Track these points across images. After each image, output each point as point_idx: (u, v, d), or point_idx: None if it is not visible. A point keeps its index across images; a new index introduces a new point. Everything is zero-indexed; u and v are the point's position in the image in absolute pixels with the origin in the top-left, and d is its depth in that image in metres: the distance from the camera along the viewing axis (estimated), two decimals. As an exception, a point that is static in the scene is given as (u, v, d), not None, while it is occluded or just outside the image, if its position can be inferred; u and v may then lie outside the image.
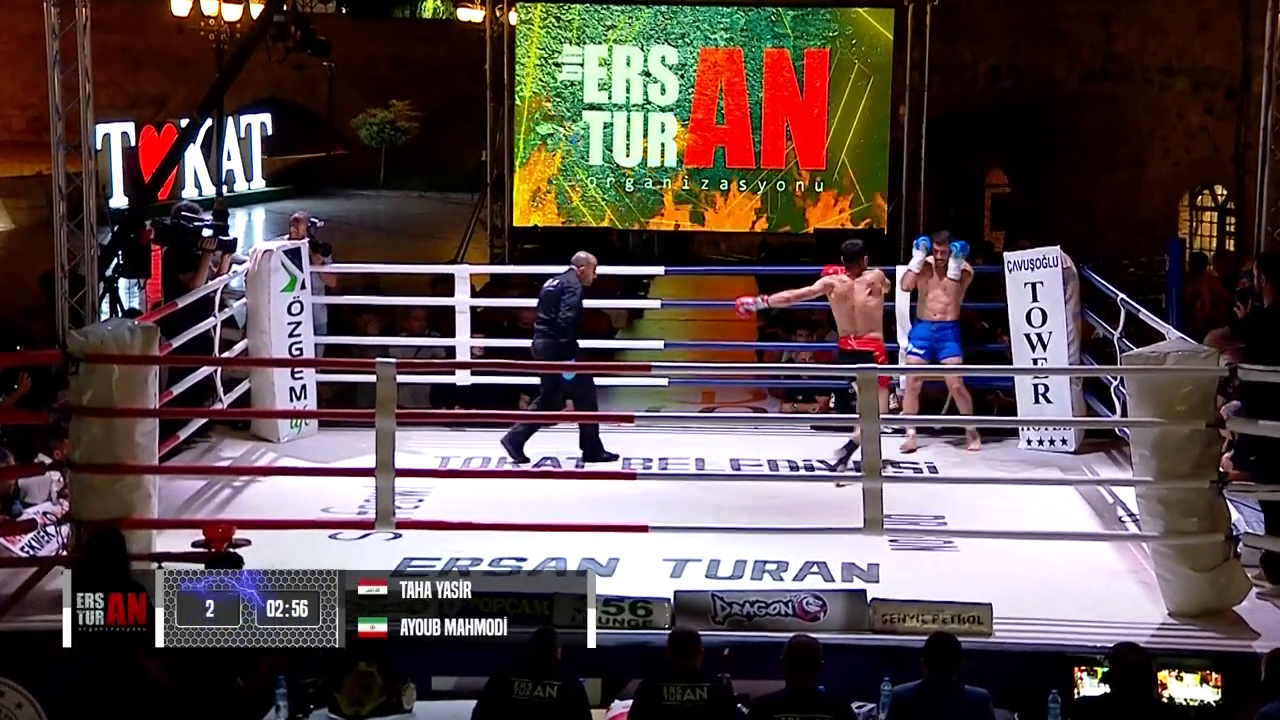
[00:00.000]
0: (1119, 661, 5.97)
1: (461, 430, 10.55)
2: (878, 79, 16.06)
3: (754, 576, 7.75)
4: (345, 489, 8.70)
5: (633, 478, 8.80)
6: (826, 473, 9.61)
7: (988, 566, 7.81)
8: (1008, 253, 10.93)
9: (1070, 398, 10.32)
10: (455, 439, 10.35)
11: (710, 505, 8.66)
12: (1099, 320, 10.35)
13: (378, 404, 7.42)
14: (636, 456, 9.99)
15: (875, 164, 16.22)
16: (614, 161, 16.31)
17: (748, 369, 11.35)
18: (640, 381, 11.26)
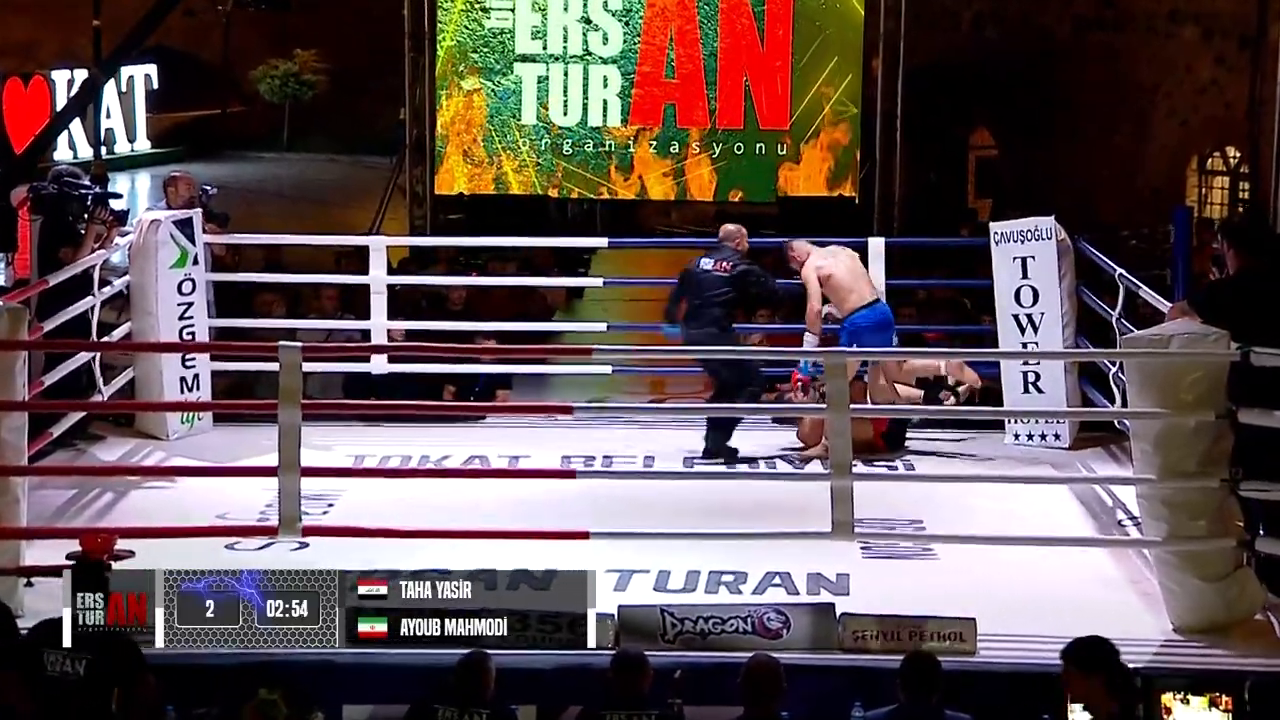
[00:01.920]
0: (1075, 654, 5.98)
1: (377, 425, 10.52)
2: (848, 28, 16.11)
3: (708, 589, 7.77)
4: (244, 492, 8.67)
5: (572, 477, 8.81)
6: (791, 471, 9.66)
7: (972, 576, 7.86)
8: (994, 223, 10.99)
9: (1064, 386, 10.41)
10: (370, 434, 10.33)
11: (660, 508, 8.67)
12: (1096, 299, 10.43)
13: (280, 395, 7.39)
14: (576, 454, 10.00)
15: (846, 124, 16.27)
16: (549, 120, 16.29)
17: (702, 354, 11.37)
18: (580, 369, 11.27)
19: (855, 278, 10.26)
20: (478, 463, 9.94)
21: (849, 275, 10.23)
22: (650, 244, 15.95)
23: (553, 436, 10.31)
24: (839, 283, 10.19)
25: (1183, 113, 19.70)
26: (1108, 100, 20.31)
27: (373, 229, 16.47)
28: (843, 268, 10.27)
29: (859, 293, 10.19)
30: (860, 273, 10.33)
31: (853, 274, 10.26)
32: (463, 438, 10.34)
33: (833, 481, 7.53)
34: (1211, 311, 7.60)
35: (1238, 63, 18.73)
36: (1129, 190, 19.83)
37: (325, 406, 9.95)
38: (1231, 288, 7.94)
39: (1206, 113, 19.38)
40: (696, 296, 10.18)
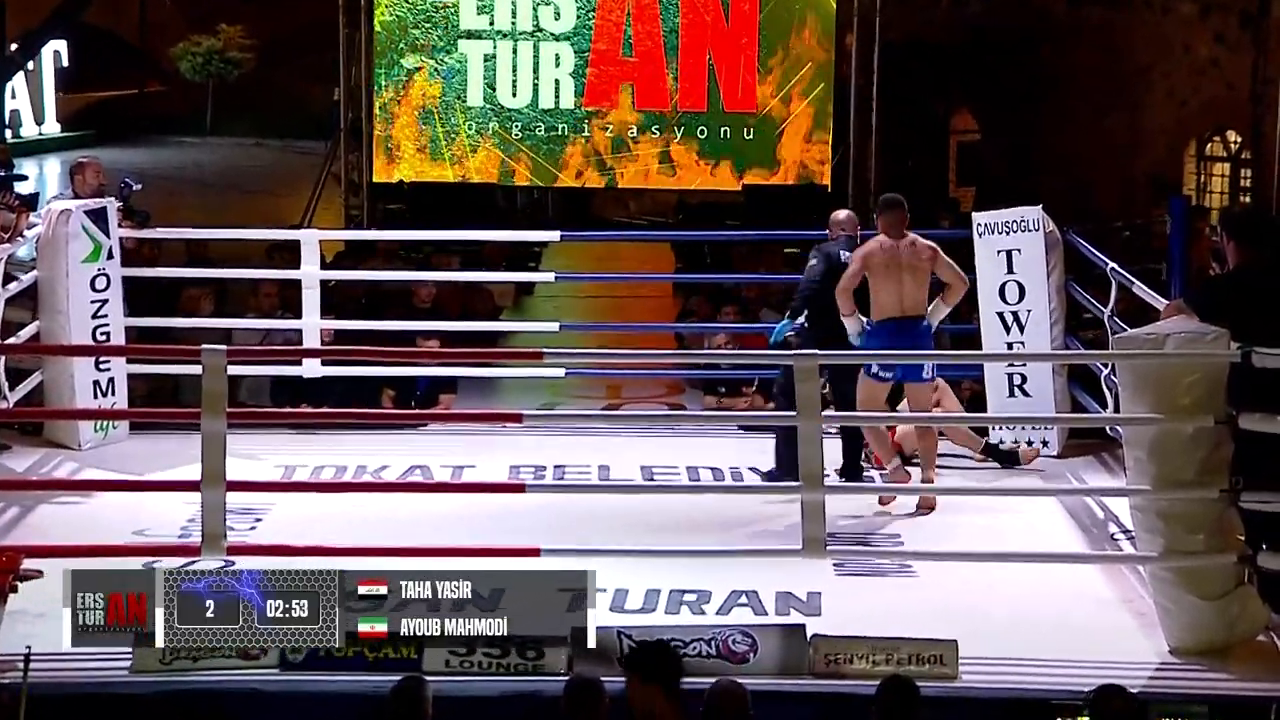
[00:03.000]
0: (1102, 709, 6.05)
1: (310, 433, 10.50)
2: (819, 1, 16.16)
3: (669, 609, 7.79)
4: (164, 506, 8.64)
5: (521, 490, 8.82)
6: (759, 484, 9.68)
7: (953, 595, 7.90)
8: (977, 213, 11.06)
9: (1052, 390, 10.47)
10: (302, 444, 10.30)
11: (616, 523, 8.67)
12: (1087, 296, 10.50)
13: (204, 401, 7.38)
14: (526, 464, 10.01)
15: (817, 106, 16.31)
16: (497, 101, 16.28)
17: (662, 356, 11.40)
18: (530, 372, 11.27)
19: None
20: (419, 474, 9.93)
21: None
22: (606, 237, 15.97)
23: (500, 446, 10.30)
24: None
25: (1180, 94, 19.82)
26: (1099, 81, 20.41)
27: (304, 221, 16.41)
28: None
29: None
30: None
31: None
32: (403, 447, 10.32)
33: (803, 495, 7.55)
34: (1210, 309, 7.65)
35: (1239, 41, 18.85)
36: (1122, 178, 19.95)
37: (253, 414, 9.93)
38: (1231, 284, 7.99)
39: (1206, 94, 19.50)
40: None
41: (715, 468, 10.16)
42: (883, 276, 9.39)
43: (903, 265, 9.40)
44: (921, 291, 9.43)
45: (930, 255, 9.47)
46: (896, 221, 9.53)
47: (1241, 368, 7.34)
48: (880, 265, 9.41)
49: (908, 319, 9.37)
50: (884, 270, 9.39)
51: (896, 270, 9.39)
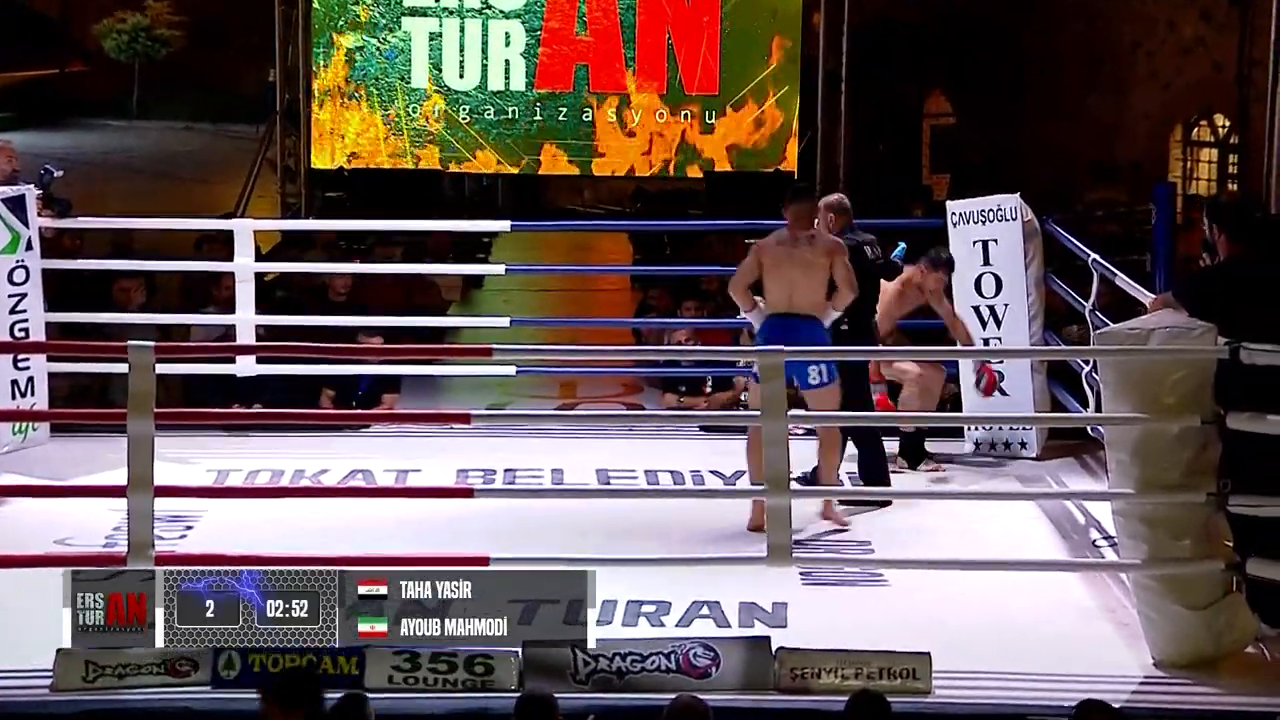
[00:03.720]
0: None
1: (244, 435, 10.46)
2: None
3: (626, 621, 7.79)
4: (87, 513, 8.60)
5: (469, 495, 8.79)
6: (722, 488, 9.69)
7: (926, 605, 7.92)
8: (951, 202, 11.07)
9: (1031, 388, 10.50)
10: (236, 446, 10.27)
11: (570, 530, 8.67)
12: (1068, 289, 10.53)
13: (130, 401, 7.34)
14: (475, 468, 10.00)
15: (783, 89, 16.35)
16: (443, 83, 16.27)
17: (619, 353, 11.40)
18: (479, 370, 11.26)
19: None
20: (360, 479, 9.91)
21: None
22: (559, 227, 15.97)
23: (447, 448, 10.28)
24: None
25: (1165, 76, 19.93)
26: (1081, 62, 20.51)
27: (238, 210, 16.37)
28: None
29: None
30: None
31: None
32: (343, 449, 10.29)
33: (768, 500, 7.56)
34: (1198, 302, 7.68)
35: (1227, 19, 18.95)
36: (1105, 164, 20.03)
37: (183, 415, 9.88)
38: (1221, 276, 8.02)
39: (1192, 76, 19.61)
40: (863, 287, 9.59)
41: (675, 471, 10.15)
42: (775, 272, 9.25)
43: (797, 261, 9.23)
44: (816, 291, 9.20)
45: (829, 254, 9.24)
46: (803, 214, 9.32)
47: (1230, 364, 7.35)
48: (774, 259, 9.28)
49: (795, 317, 9.27)
50: (776, 265, 9.26)
51: (790, 266, 9.26)
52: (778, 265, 9.20)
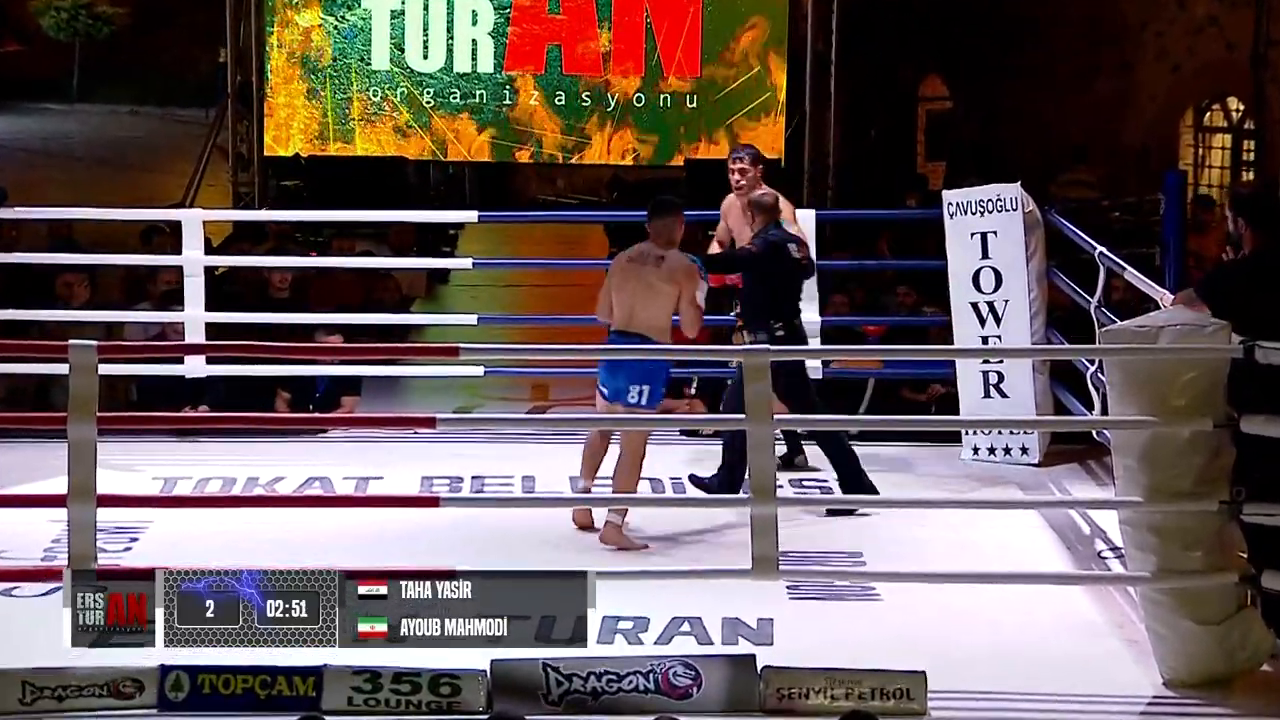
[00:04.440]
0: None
1: (194, 440, 10.45)
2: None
3: (602, 639, 7.77)
4: (24, 525, 8.58)
5: (435, 504, 8.78)
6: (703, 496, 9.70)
7: (921, 621, 7.93)
8: (948, 191, 11.11)
9: (1033, 390, 10.53)
10: (185, 452, 10.26)
11: (541, 541, 8.68)
12: (1071, 283, 10.56)
13: (71, 404, 7.33)
14: (440, 475, 10.00)
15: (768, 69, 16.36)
16: (406, 65, 16.26)
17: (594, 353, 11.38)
18: (445, 370, 11.25)
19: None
20: (318, 486, 9.92)
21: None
22: (530, 218, 15.98)
23: (411, 454, 10.29)
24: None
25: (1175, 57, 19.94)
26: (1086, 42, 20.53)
27: (187, 200, 16.35)
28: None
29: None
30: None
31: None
32: (299, 455, 10.30)
33: (753, 508, 7.56)
34: (1221, 299, 7.64)
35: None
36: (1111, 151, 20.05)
37: (128, 419, 9.87)
38: (1245, 270, 7.98)
39: (1204, 57, 19.62)
40: (788, 288, 9.95)
41: (654, 478, 10.14)
42: (620, 287, 9.32)
43: (641, 281, 9.26)
44: (657, 315, 9.24)
45: (674, 281, 9.23)
46: (659, 230, 9.36)
47: (1244, 364, 7.36)
48: (621, 275, 9.34)
49: (632, 335, 9.29)
50: (623, 281, 9.32)
51: (635, 284, 9.28)
52: (624, 281, 9.32)
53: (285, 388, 11.21)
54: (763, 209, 9.98)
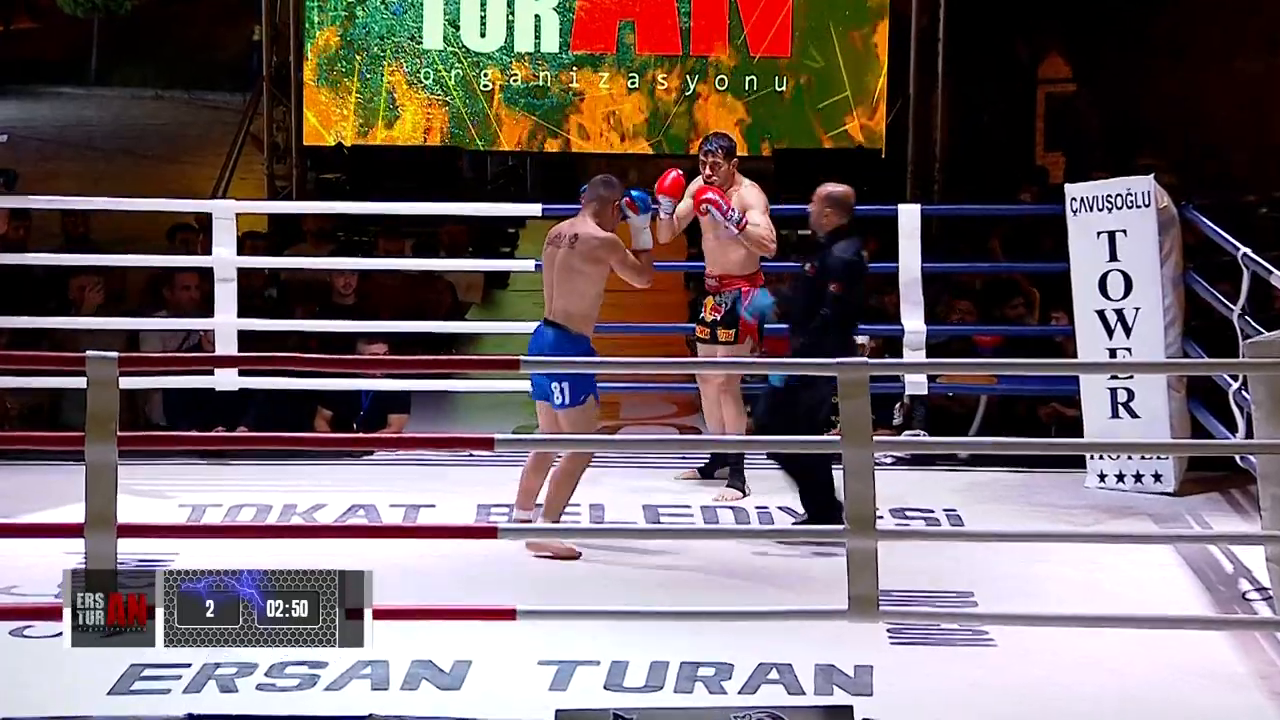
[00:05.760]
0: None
1: (224, 463, 10.51)
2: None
3: (680, 687, 7.78)
4: (37, 557, 8.64)
5: (493, 535, 8.82)
6: (793, 527, 9.70)
7: (1039, 669, 7.91)
8: (1071, 185, 11.08)
9: (1167, 409, 10.48)
10: (215, 476, 10.32)
11: (614, 578, 8.70)
12: (1212, 289, 10.51)
13: (89, 423, 7.38)
14: (499, 503, 10.02)
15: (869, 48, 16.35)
16: (462, 44, 16.33)
17: (672, 366, 11.40)
18: (503, 385, 11.27)
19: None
20: (362, 515, 9.95)
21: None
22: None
23: (466, 479, 10.31)
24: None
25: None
26: (1228, 14, 20.43)
27: (217, 193, 16.45)
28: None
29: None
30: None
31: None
32: (342, 480, 10.34)
33: (849, 541, 7.56)
34: None
35: None
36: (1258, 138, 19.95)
37: (152, 439, 9.93)
38: None
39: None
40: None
41: (738, 508, 10.17)
42: (545, 271, 9.56)
43: (554, 263, 9.44)
44: (574, 300, 9.39)
45: (598, 256, 9.42)
46: (596, 206, 9.60)
47: None
48: (545, 258, 9.58)
49: (545, 325, 9.46)
50: (546, 265, 9.55)
51: (549, 268, 9.47)
52: (546, 267, 9.54)
53: (326, 404, 11.26)
54: (841, 206, 9.89)
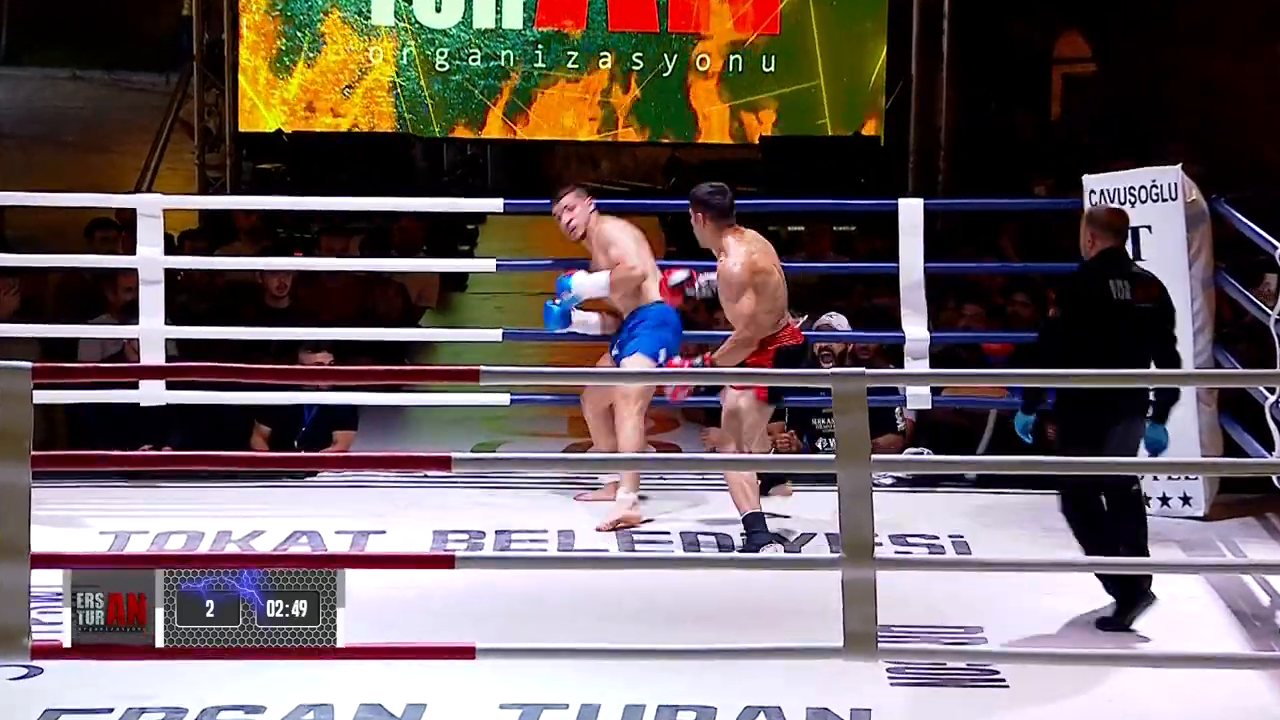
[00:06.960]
0: None
1: (151, 485, 10.51)
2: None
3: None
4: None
5: (449, 565, 8.82)
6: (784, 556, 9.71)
7: (1056, 714, 7.95)
8: (1090, 176, 11.10)
9: (1196, 424, 10.51)
10: (140, 499, 10.32)
11: (583, 610, 8.71)
12: (1245, 291, 10.54)
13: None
14: (456, 529, 10.05)
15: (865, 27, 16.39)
16: (415, 19, 16.34)
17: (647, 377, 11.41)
18: (463, 399, 11.28)
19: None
20: (305, 543, 9.95)
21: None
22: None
23: (420, 502, 10.33)
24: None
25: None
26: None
27: (142, 185, 16.45)
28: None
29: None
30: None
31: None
32: (282, 504, 10.36)
33: (845, 571, 7.56)
34: None
35: None
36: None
37: (70, 458, 9.92)
38: None
39: None
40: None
41: (721, 533, 10.18)
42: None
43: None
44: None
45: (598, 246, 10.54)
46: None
47: None
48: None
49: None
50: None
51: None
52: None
53: (264, 420, 11.25)
54: (1101, 225, 9.31)
